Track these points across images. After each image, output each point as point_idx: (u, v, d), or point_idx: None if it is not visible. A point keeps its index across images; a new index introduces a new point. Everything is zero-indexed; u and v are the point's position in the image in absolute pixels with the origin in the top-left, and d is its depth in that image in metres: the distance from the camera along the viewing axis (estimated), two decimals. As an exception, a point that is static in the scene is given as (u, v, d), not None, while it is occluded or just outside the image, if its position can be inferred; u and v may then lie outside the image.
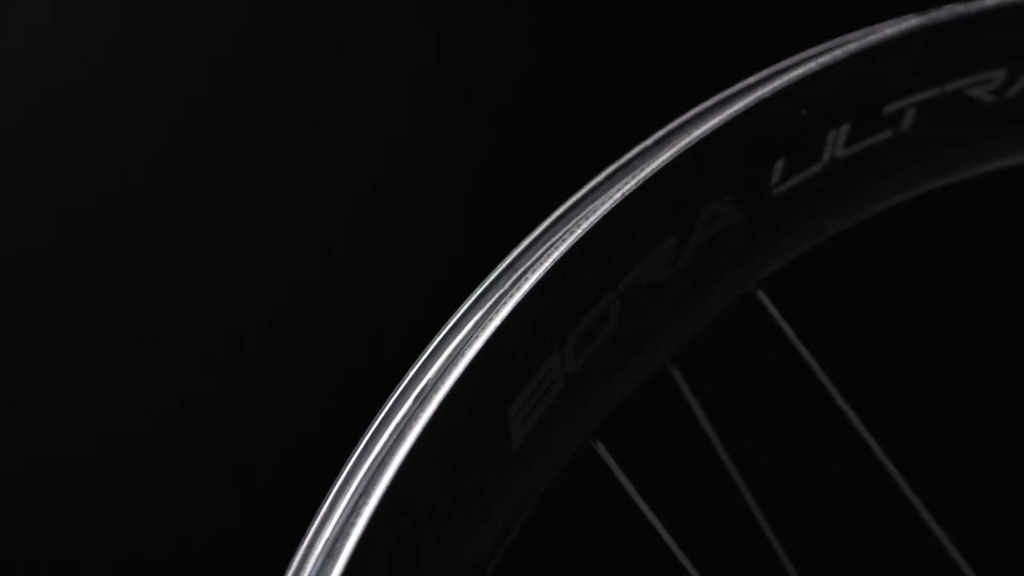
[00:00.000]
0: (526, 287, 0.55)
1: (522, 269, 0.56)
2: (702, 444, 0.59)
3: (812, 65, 0.57)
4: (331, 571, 0.52)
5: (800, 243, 0.59)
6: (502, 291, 0.56)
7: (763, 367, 0.89)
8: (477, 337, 0.55)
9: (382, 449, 0.55)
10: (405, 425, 0.54)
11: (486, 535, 0.56)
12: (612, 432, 0.59)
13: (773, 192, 0.58)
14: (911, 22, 0.57)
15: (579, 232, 0.55)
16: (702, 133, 0.55)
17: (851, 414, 0.58)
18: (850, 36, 0.58)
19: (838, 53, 0.57)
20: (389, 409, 0.56)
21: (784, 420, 0.98)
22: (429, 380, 0.55)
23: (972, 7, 0.57)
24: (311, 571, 0.52)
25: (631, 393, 0.58)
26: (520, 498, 0.56)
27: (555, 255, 0.55)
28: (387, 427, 0.55)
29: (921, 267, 1.11)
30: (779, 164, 0.58)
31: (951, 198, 0.60)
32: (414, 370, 0.56)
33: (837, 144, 0.59)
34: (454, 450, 0.54)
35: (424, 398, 0.55)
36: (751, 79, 0.58)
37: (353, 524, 0.52)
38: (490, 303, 0.55)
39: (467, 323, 0.55)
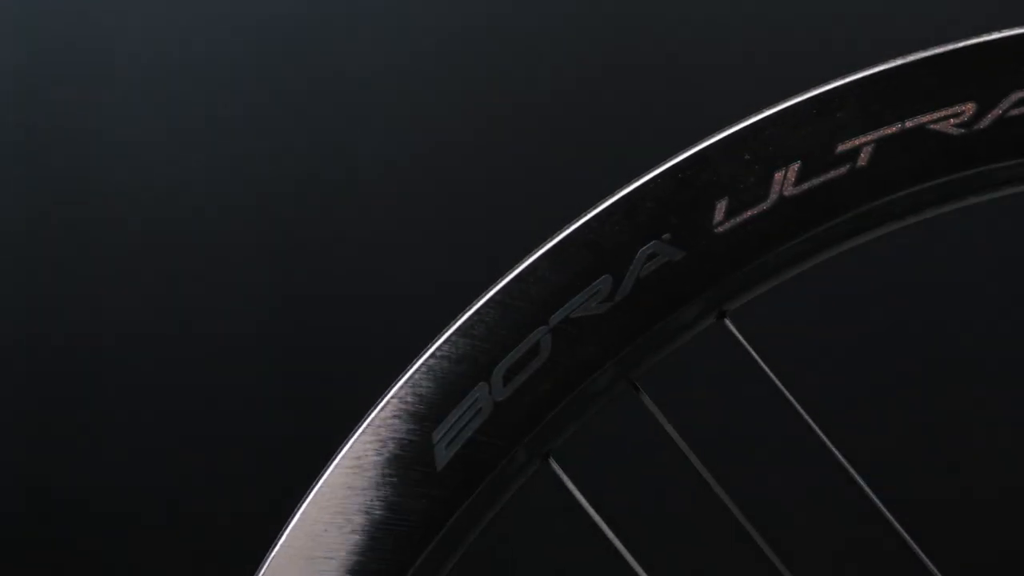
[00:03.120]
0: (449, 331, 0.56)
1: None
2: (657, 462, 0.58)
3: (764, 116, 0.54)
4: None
5: (754, 279, 0.55)
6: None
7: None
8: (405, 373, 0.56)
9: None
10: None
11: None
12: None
13: (716, 231, 0.55)
14: (866, 72, 0.52)
15: (503, 282, 0.55)
16: (638, 183, 0.54)
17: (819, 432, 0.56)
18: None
19: (790, 104, 0.54)
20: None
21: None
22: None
23: (937, 50, 0.52)
24: None
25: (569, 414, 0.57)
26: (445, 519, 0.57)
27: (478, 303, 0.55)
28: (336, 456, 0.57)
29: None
30: (721, 204, 0.55)
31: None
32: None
33: (786, 183, 0.54)
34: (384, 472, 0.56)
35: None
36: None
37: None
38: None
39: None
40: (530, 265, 0.56)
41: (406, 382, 0.57)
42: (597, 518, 0.58)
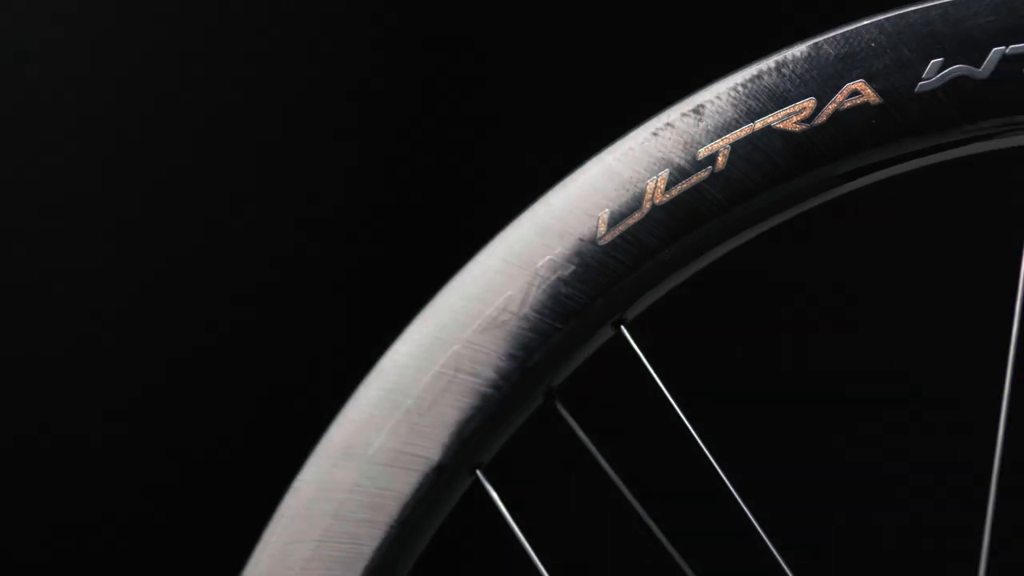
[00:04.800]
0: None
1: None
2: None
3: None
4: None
5: (642, 286, 0.60)
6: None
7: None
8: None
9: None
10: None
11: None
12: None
13: (599, 243, 0.60)
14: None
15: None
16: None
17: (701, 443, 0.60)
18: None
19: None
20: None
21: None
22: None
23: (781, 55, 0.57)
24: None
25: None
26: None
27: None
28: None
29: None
30: (603, 215, 0.60)
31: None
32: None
33: (656, 191, 0.60)
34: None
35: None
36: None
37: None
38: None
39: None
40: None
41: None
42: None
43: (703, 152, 0.59)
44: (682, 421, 0.60)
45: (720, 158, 0.59)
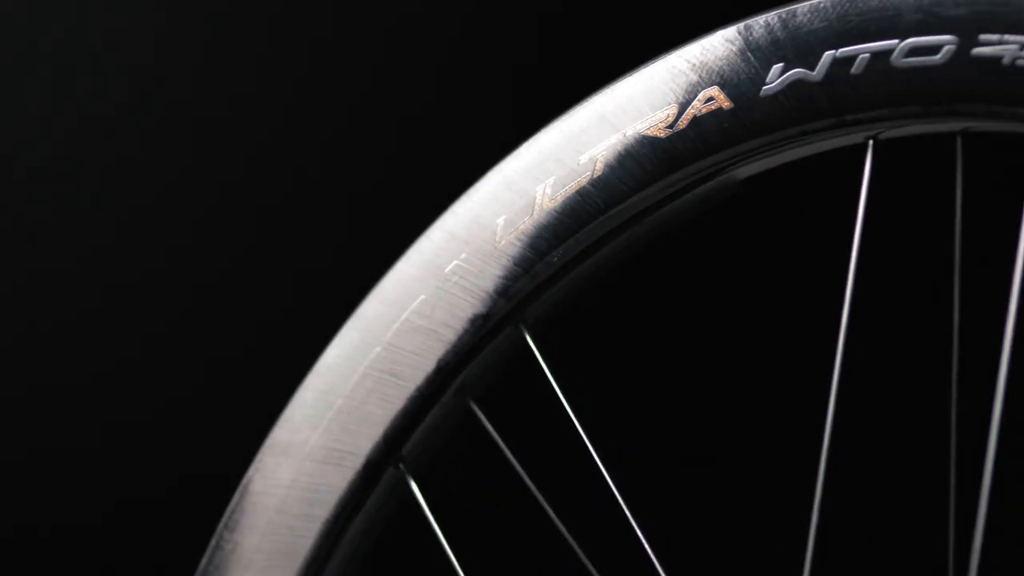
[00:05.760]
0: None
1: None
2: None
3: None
4: None
5: (537, 286, 0.66)
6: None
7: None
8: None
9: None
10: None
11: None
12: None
13: (497, 246, 0.66)
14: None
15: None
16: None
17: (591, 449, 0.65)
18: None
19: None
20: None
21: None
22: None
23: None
24: None
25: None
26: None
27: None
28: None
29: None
30: (500, 221, 0.66)
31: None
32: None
33: (544, 196, 0.66)
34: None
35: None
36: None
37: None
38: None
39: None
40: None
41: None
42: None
43: (583, 159, 0.65)
44: (574, 419, 0.65)
45: (599, 164, 0.65)
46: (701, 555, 1.20)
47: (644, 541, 0.63)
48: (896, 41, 0.59)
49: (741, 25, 0.62)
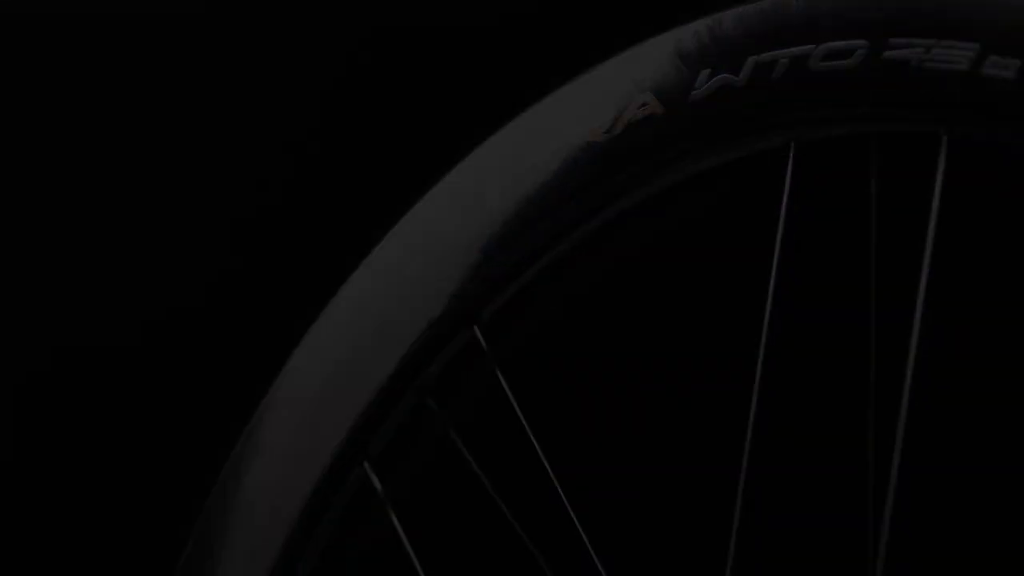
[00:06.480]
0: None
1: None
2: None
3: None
4: None
5: (488, 288, 0.68)
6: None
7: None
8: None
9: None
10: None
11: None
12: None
13: (451, 251, 0.69)
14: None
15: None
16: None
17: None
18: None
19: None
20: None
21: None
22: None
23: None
24: None
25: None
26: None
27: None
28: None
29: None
30: (454, 226, 0.69)
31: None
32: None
33: (494, 201, 0.68)
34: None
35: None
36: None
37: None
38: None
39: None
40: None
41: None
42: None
43: (526, 165, 0.67)
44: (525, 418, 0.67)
45: (540, 168, 0.67)
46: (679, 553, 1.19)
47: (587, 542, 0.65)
48: (813, 46, 0.60)
49: (672, 33, 0.64)
